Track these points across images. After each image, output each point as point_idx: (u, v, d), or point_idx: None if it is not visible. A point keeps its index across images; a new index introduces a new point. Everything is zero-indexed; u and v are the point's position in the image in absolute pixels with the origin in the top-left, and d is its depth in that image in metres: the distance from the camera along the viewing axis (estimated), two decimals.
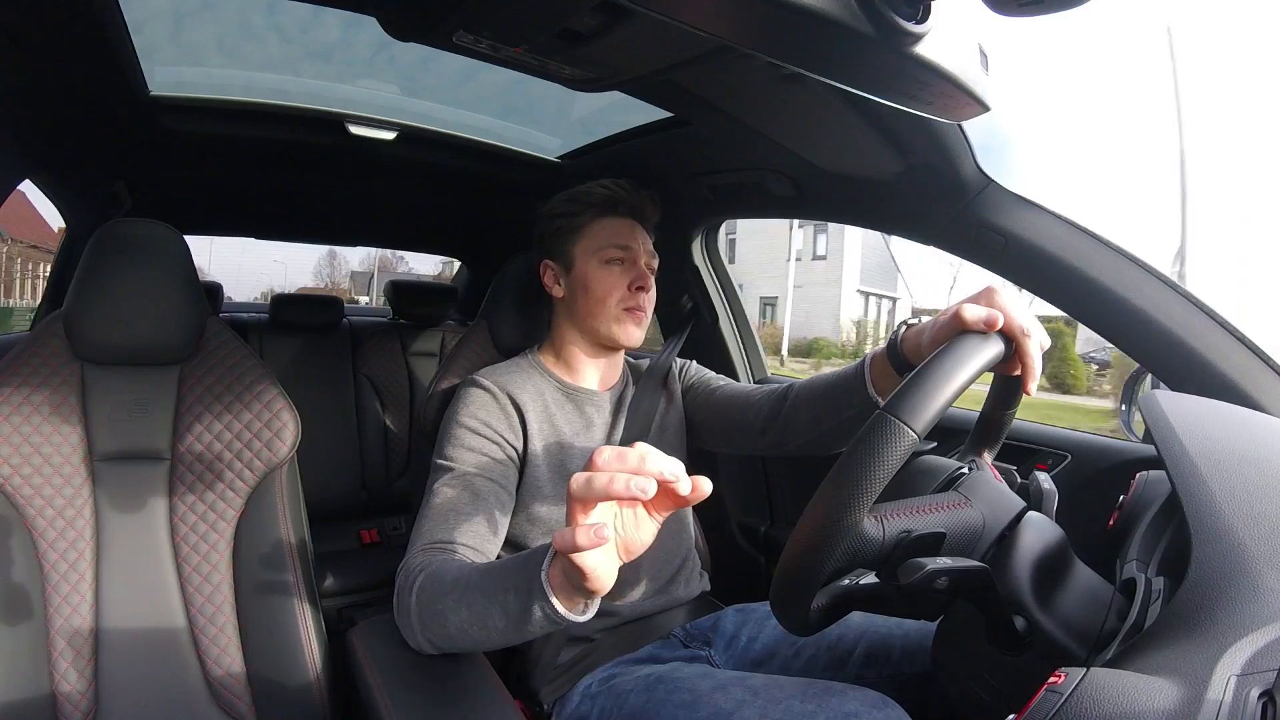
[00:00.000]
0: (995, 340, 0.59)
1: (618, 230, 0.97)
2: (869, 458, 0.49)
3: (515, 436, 0.90)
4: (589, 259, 0.96)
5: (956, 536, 0.57)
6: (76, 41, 0.91)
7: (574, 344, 0.99)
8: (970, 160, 0.91)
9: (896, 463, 0.49)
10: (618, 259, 0.96)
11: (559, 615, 0.58)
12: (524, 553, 0.65)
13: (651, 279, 0.98)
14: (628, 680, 0.83)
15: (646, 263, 0.98)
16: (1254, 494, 0.51)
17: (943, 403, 0.52)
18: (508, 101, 1.40)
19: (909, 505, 0.58)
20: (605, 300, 0.95)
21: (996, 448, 0.72)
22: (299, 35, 1.18)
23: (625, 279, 0.95)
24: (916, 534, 0.54)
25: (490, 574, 0.66)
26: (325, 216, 2.15)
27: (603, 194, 0.97)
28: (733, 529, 1.49)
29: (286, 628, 0.90)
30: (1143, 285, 0.85)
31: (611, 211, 0.98)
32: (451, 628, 0.67)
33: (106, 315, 0.89)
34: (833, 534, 0.50)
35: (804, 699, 0.69)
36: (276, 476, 0.94)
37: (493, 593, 0.64)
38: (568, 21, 0.59)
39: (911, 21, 0.51)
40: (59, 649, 0.84)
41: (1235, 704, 0.40)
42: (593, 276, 0.95)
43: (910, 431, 0.50)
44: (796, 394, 0.92)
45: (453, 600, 0.67)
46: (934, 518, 0.57)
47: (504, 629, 0.63)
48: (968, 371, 0.55)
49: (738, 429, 0.99)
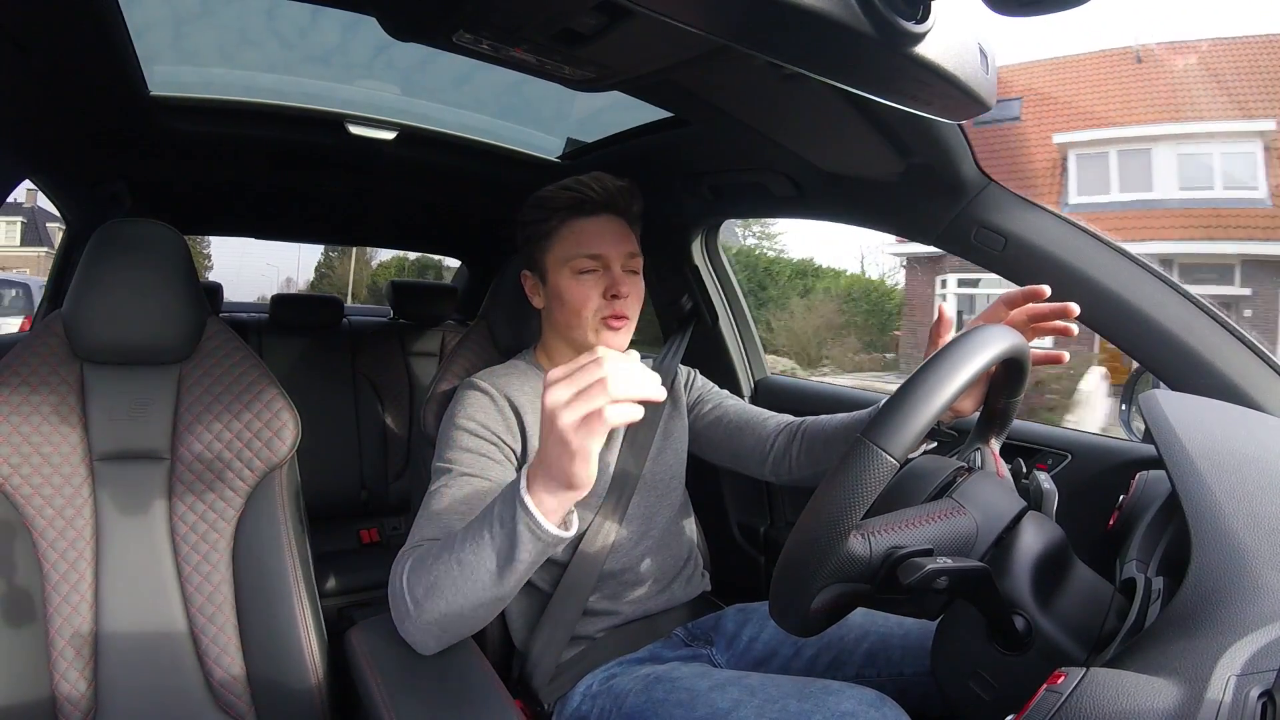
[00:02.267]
0: (975, 353, 0.57)
1: (586, 235, 0.91)
2: (848, 484, 0.50)
3: (513, 438, 0.90)
4: (560, 270, 0.92)
5: (946, 549, 0.57)
6: (77, 42, 0.91)
7: (561, 350, 0.98)
8: (970, 160, 0.91)
9: (876, 488, 0.50)
10: (589, 269, 0.91)
11: (544, 530, 0.62)
12: (500, 492, 0.68)
13: (631, 282, 0.93)
14: (627, 680, 0.83)
15: (624, 265, 0.92)
16: (1254, 494, 0.51)
17: (922, 426, 0.52)
18: (508, 101, 1.40)
19: (898, 519, 0.57)
20: (580, 313, 0.91)
21: (1003, 435, 0.73)
22: (299, 35, 1.18)
23: (599, 288, 0.91)
24: (904, 550, 0.54)
25: (474, 521, 0.68)
26: (325, 216, 2.15)
27: (568, 196, 0.92)
28: (733, 529, 1.49)
29: (286, 628, 0.90)
30: (1143, 285, 0.85)
31: (579, 213, 0.92)
32: (447, 593, 0.67)
33: (106, 315, 0.89)
34: (818, 557, 0.51)
35: (800, 698, 0.69)
36: (276, 476, 0.94)
37: (478, 534, 0.66)
38: (568, 21, 0.59)
39: (911, 21, 0.51)
40: (59, 649, 0.84)
41: (1235, 704, 0.40)
42: (565, 289, 0.91)
43: (889, 458, 0.50)
44: (807, 433, 0.97)
45: (443, 564, 0.68)
46: (924, 530, 0.57)
47: (496, 571, 0.65)
48: (948, 391, 0.54)
49: (745, 455, 1.02)
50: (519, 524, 0.63)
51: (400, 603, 0.71)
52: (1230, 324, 0.83)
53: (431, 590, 0.68)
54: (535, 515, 0.62)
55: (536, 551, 0.64)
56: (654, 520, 0.99)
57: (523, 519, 0.62)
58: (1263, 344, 0.82)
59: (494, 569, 0.65)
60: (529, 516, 0.62)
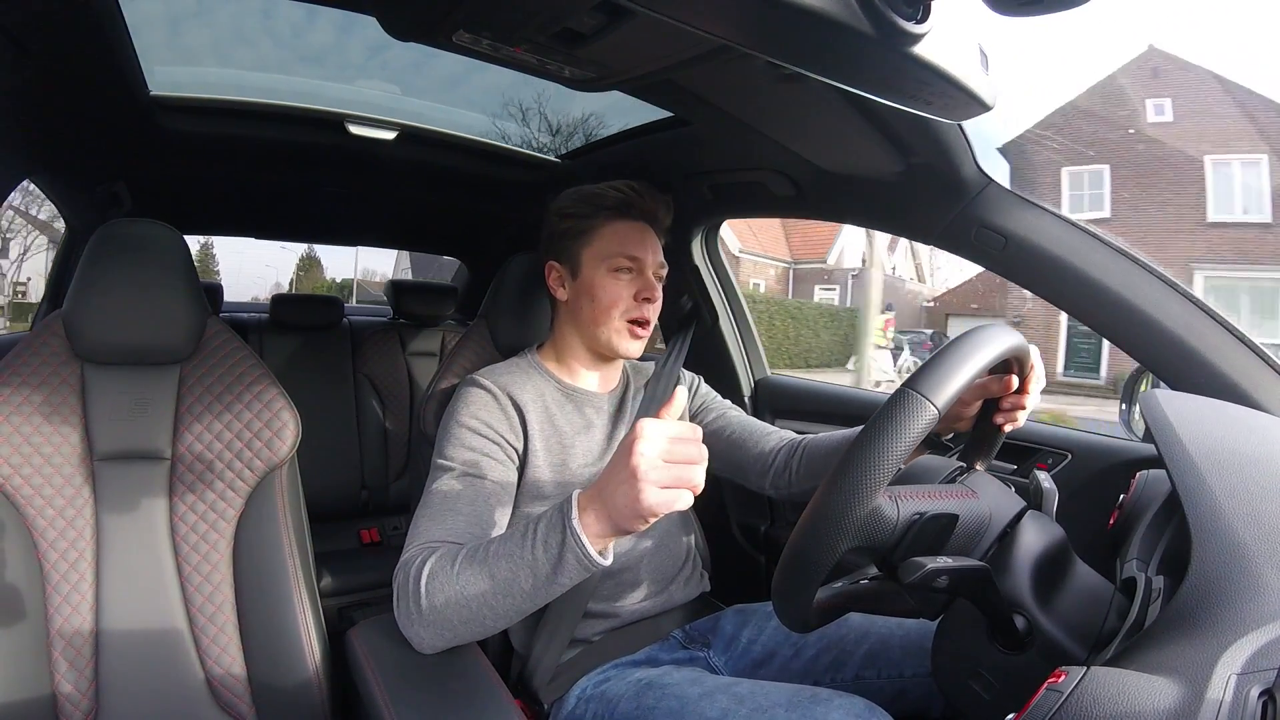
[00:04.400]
0: (1015, 333, 0.62)
1: (628, 237, 0.94)
2: (890, 430, 0.51)
3: (515, 436, 0.90)
4: (597, 266, 0.94)
5: (964, 527, 0.59)
6: (76, 42, 0.91)
7: (574, 348, 0.99)
8: (970, 160, 0.91)
9: (917, 437, 0.51)
10: (626, 268, 0.93)
11: (591, 560, 0.63)
12: (543, 512, 0.68)
13: (658, 289, 0.95)
14: (619, 684, 0.83)
15: (655, 272, 0.95)
16: (1254, 493, 0.51)
17: (963, 382, 0.54)
18: (508, 101, 1.40)
19: (922, 490, 0.59)
20: (610, 310, 0.93)
21: (989, 460, 0.74)
22: (299, 35, 1.18)
23: (632, 289, 0.93)
24: (930, 514, 0.55)
25: (511, 539, 0.68)
26: (325, 216, 2.15)
27: (616, 196, 0.94)
28: (733, 529, 1.49)
29: (286, 628, 0.89)
30: (1143, 285, 0.85)
31: (624, 215, 0.94)
32: (472, 604, 0.67)
33: (106, 315, 0.89)
34: (851, 504, 0.51)
35: (789, 708, 0.69)
36: (276, 476, 0.94)
37: (516, 552, 0.66)
38: (568, 21, 0.59)
39: (911, 21, 0.51)
40: (59, 649, 0.84)
41: (1235, 703, 0.40)
42: (599, 285, 0.93)
43: (931, 406, 0.51)
44: (807, 450, 0.98)
45: (472, 574, 0.68)
46: (947, 503, 0.58)
47: (530, 590, 0.66)
48: (988, 354, 0.56)
49: (746, 467, 1.03)
50: (566, 550, 0.63)
51: (411, 602, 0.71)
52: (1230, 324, 0.83)
53: (455, 600, 0.68)
54: (585, 545, 0.62)
55: (578, 577, 0.65)
56: (654, 521, 0.99)
57: (571, 546, 0.63)
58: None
59: (529, 589, 0.66)
60: (579, 545, 0.62)
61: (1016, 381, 0.71)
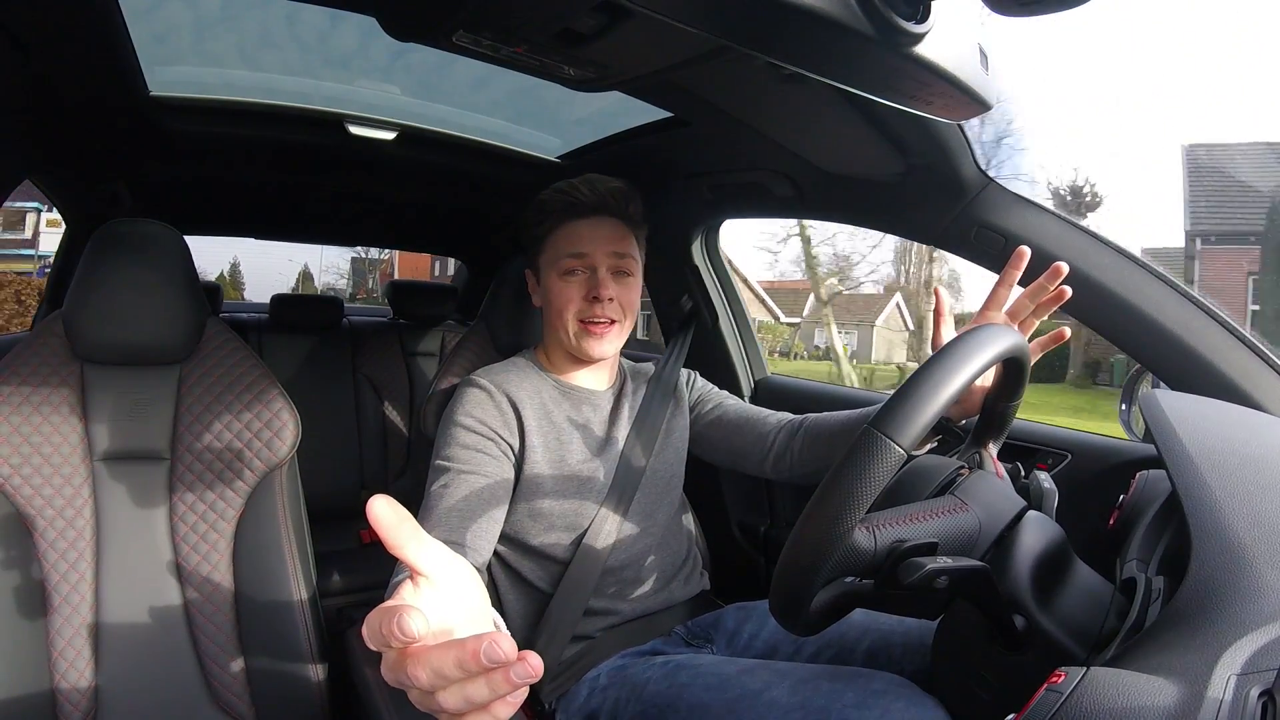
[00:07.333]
0: (984, 347, 0.58)
1: (576, 235, 0.92)
2: (856, 474, 0.50)
3: (512, 434, 0.90)
4: (550, 271, 0.94)
5: (950, 544, 0.57)
6: (76, 41, 0.91)
7: (556, 353, 1.00)
8: (970, 160, 0.91)
9: (884, 478, 0.50)
10: (573, 269, 0.92)
11: None
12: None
13: (620, 284, 0.93)
14: (643, 669, 0.83)
15: (611, 266, 0.92)
16: (1254, 493, 0.51)
17: (930, 417, 0.52)
18: (508, 101, 1.40)
19: (902, 514, 0.57)
20: (563, 313, 0.92)
21: (1001, 439, 0.73)
22: (299, 35, 1.18)
23: (582, 290, 0.91)
24: (909, 544, 0.54)
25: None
26: (325, 216, 2.15)
27: (561, 200, 0.93)
28: (733, 529, 1.49)
29: (286, 627, 0.90)
30: (1143, 285, 0.85)
31: (572, 215, 0.93)
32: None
33: (106, 315, 0.89)
34: (823, 549, 0.50)
35: (831, 679, 0.70)
36: (276, 476, 0.94)
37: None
38: (568, 21, 0.59)
39: (911, 21, 0.51)
40: (59, 648, 0.84)
41: (1235, 703, 0.40)
42: (552, 289, 0.94)
43: (897, 448, 0.50)
44: (807, 431, 0.96)
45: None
46: (928, 525, 0.57)
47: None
48: (958, 382, 0.54)
49: (746, 453, 1.02)
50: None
51: None
52: (1230, 323, 0.83)
53: None
54: None
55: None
56: (654, 517, 0.99)
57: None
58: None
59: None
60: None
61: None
